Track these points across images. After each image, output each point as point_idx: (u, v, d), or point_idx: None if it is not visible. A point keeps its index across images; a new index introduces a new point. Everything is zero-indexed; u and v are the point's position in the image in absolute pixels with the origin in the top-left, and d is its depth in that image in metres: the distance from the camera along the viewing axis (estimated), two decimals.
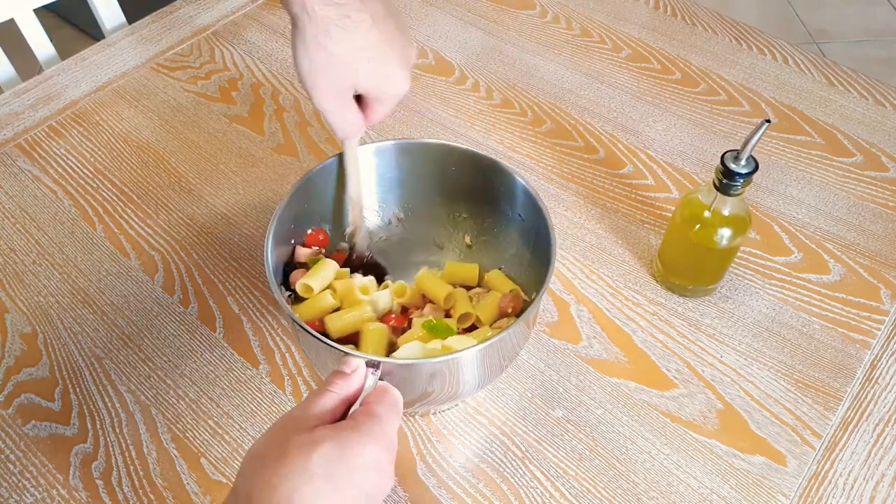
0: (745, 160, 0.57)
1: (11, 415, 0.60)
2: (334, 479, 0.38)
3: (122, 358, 0.63)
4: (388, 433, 0.41)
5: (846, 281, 0.70)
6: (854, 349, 0.65)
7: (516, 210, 0.60)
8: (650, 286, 0.69)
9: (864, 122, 0.84)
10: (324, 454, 0.38)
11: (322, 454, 0.38)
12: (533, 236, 0.58)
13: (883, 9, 2.39)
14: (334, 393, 0.42)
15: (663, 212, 0.75)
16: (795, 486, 0.57)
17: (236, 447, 0.58)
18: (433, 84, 0.89)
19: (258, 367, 0.63)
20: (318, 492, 0.37)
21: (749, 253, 0.72)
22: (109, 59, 0.91)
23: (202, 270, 0.70)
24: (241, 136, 0.82)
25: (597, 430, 0.59)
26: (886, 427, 0.60)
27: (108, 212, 0.74)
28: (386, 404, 0.42)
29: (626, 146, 0.82)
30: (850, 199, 0.77)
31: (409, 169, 0.62)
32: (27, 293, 0.68)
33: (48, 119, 0.83)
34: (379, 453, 0.40)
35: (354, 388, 0.43)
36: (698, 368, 0.63)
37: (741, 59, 0.92)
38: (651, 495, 0.56)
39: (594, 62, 0.92)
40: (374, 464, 0.39)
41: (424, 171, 0.61)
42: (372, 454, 0.39)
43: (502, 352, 0.52)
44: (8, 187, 0.76)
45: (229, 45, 0.93)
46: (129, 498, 0.55)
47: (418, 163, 0.61)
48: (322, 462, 0.38)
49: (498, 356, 0.52)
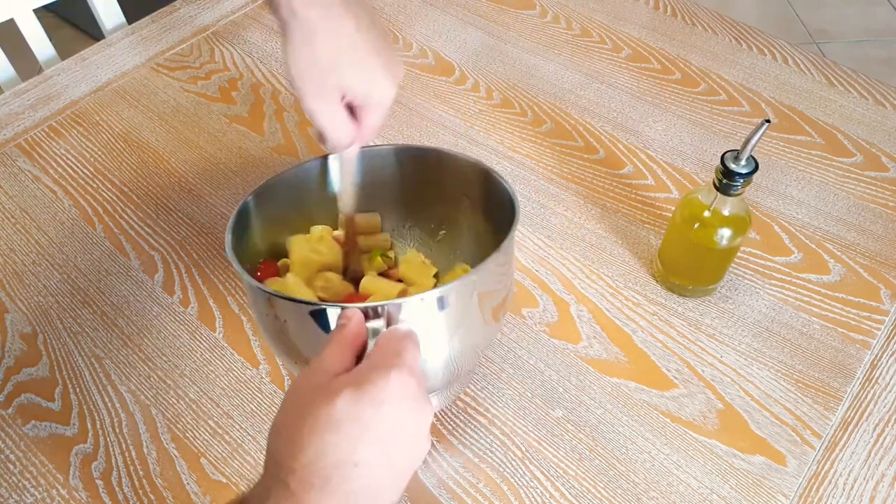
0: (745, 160, 0.57)
1: (11, 415, 0.60)
2: (362, 419, 0.35)
3: (122, 358, 0.63)
4: (407, 362, 0.38)
5: (846, 281, 0.70)
6: (854, 349, 0.65)
7: (462, 192, 0.58)
8: (650, 286, 0.69)
9: (864, 122, 0.84)
10: (345, 398, 0.36)
11: (344, 398, 0.36)
12: (483, 206, 0.57)
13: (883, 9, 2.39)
14: (337, 343, 0.40)
15: (663, 212, 0.75)
16: (795, 486, 0.57)
17: (236, 447, 0.58)
18: (433, 84, 0.89)
19: (258, 367, 0.63)
20: (349, 436, 0.35)
21: (749, 253, 0.72)
22: (109, 59, 0.91)
23: (202, 270, 0.70)
24: (241, 136, 0.82)
25: (597, 430, 0.59)
26: (886, 427, 0.60)
27: (108, 212, 0.74)
28: (397, 337, 0.40)
29: (626, 146, 0.82)
30: (850, 199, 0.77)
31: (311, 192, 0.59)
32: (27, 293, 0.68)
33: (48, 119, 0.83)
34: (403, 380, 0.37)
35: (357, 335, 0.41)
36: (698, 368, 0.63)
37: (741, 59, 0.92)
38: (651, 495, 0.56)
39: (594, 62, 0.92)
40: (402, 393, 0.37)
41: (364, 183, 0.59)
42: (397, 384, 0.37)
43: (494, 283, 0.51)
44: (8, 187, 0.76)
45: (229, 45, 0.93)
46: (129, 498, 0.55)
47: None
48: (345, 406, 0.35)
49: (494, 283, 0.51)
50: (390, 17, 0.98)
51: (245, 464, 0.57)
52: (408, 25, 0.96)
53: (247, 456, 0.58)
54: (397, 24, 0.96)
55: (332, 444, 0.35)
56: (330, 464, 0.35)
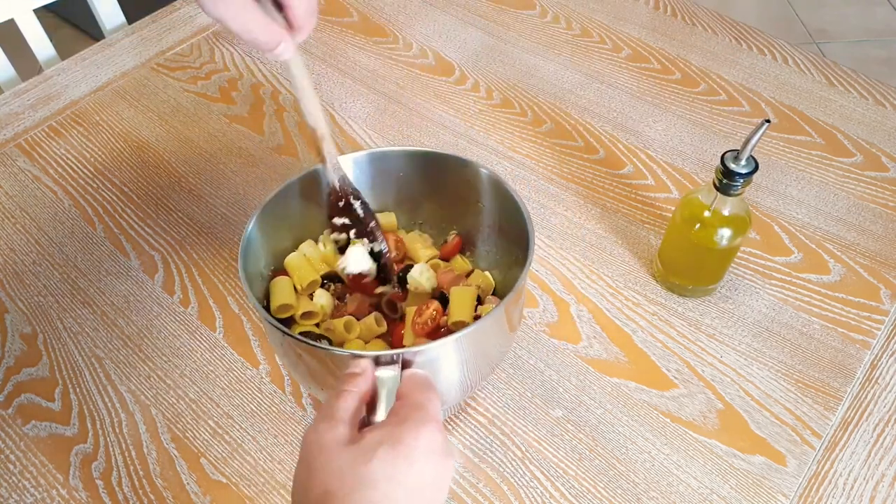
0: (745, 160, 0.57)
1: (11, 415, 0.60)
2: (397, 478, 0.37)
3: (122, 358, 0.63)
4: (433, 415, 0.40)
5: (846, 281, 0.70)
6: (854, 349, 0.65)
7: (482, 200, 0.59)
8: (650, 286, 0.69)
9: (864, 122, 0.84)
10: (381, 457, 0.37)
11: (380, 458, 0.37)
12: (497, 219, 0.58)
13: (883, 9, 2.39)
14: (353, 391, 0.41)
15: (663, 212, 0.75)
16: (795, 486, 0.57)
17: (236, 447, 0.58)
18: (433, 84, 0.89)
19: (258, 367, 0.63)
20: (386, 495, 0.37)
21: (749, 253, 0.72)
22: (109, 59, 0.91)
23: (202, 270, 0.70)
24: (241, 136, 0.82)
25: (597, 430, 0.59)
26: (886, 427, 0.60)
27: (108, 212, 0.74)
28: (420, 388, 0.42)
29: (626, 146, 0.82)
30: (850, 199, 0.77)
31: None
32: (27, 293, 0.68)
33: (48, 119, 0.83)
34: (432, 436, 0.39)
35: (368, 385, 0.43)
36: (698, 368, 0.63)
37: (741, 59, 0.92)
38: (651, 495, 0.56)
39: (594, 62, 0.92)
40: (431, 448, 0.38)
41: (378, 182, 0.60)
42: (426, 440, 0.38)
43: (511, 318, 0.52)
44: (8, 187, 0.76)
45: (229, 45, 0.93)
46: (129, 498, 0.55)
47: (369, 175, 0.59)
48: (381, 466, 0.37)
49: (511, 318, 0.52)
50: (390, 17, 0.98)
51: (245, 464, 0.57)
52: (408, 25, 0.96)
53: (247, 456, 0.58)
54: (397, 24, 0.96)
55: (370, 502, 0.36)
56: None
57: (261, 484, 0.56)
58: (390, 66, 0.91)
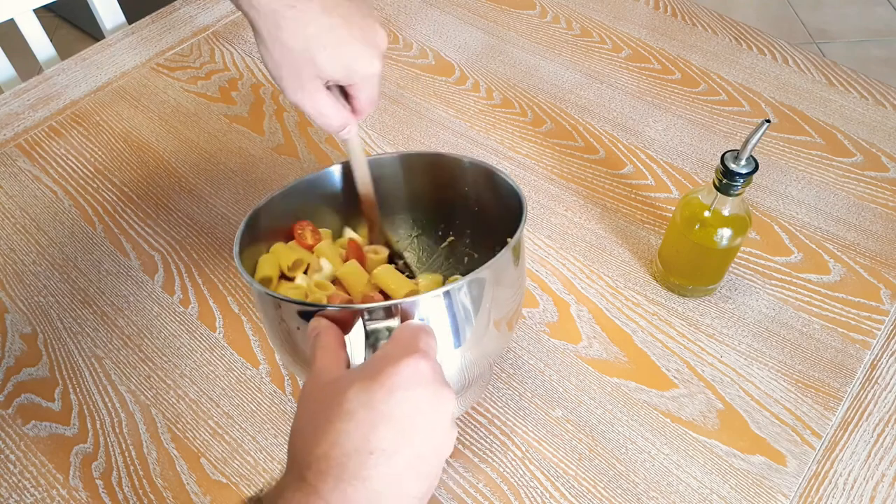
0: (745, 160, 0.57)
1: (11, 415, 0.60)
2: (375, 407, 0.35)
3: (122, 358, 0.63)
4: (420, 347, 0.37)
5: (846, 281, 0.70)
6: (854, 349, 0.65)
7: (467, 192, 0.58)
8: (650, 286, 0.69)
9: (864, 122, 0.84)
10: (356, 387, 0.35)
11: (355, 388, 0.35)
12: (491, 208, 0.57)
13: (883, 9, 2.39)
14: (323, 349, 0.40)
15: (663, 212, 0.75)
16: (795, 486, 0.57)
17: (236, 447, 0.58)
18: (433, 84, 0.89)
19: (258, 367, 0.63)
20: (362, 424, 0.34)
21: (749, 253, 0.72)
22: (109, 59, 0.91)
23: (202, 270, 0.70)
24: (241, 136, 0.82)
25: (597, 430, 0.59)
26: (886, 427, 0.60)
27: (108, 212, 0.74)
28: (410, 329, 0.40)
29: (626, 146, 0.82)
30: (850, 199, 0.77)
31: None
32: (27, 293, 0.68)
33: (48, 119, 0.83)
34: (416, 365, 0.36)
35: (337, 337, 0.41)
36: (698, 368, 0.63)
37: (741, 59, 0.92)
38: (651, 495, 0.56)
39: (594, 62, 0.92)
40: (415, 378, 0.36)
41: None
42: (408, 369, 0.36)
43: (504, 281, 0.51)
44: (8, 187, 0.76)
45: (229, 45, 0.93)
46: (129, 498, 0.55)
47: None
48: (356, 395, 0.35)
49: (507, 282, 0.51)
50: (390, 17, 0.98)
51: (245, 464, 0.57)
52: (408, 25, 0.96)
53: (247, 456, 0.58)
54: (397, 24, 0.96)
55: (344, 433, 0.34)
56: (344, 452, 0.34)
57: (261, 484, 0.56)
58: (390, 66, 0.91)
